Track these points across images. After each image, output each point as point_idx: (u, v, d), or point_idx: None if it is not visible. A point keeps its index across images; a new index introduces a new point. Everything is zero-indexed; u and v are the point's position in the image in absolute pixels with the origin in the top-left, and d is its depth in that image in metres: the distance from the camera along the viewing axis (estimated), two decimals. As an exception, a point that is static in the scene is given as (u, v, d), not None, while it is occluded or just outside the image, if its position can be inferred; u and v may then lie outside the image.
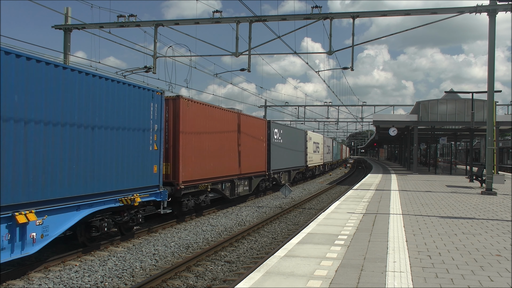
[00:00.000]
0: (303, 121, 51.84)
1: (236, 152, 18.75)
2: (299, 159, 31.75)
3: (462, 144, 65.66)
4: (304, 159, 34.04)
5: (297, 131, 32.90)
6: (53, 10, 13.79)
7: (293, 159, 29.61)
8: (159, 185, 12.41)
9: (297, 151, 31.09)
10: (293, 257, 6.67)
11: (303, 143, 33.80)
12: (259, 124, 22.71)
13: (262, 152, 22.69)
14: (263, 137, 22.92)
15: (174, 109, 13.87)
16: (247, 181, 20.56)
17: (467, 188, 19.89)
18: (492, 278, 5.65)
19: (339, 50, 17.17)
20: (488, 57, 16.68)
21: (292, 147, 29.29)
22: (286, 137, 27.45)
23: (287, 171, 28.15)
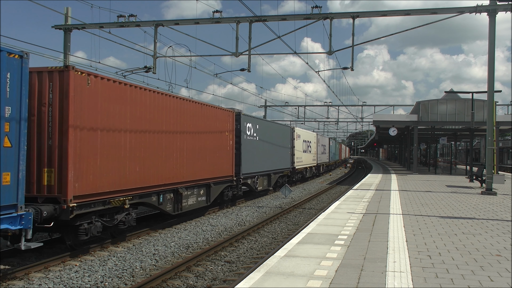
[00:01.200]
0: (303, 121, 51.87)
1: (181, 151, 13.82)
2: (283, 160, 27.07)
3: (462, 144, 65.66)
4: (290, 160, 29.21)
5: (280, 128, 27.83)
6: (53, 10, 13.80)
7: (275, 160, 24.93)
8: (17, 204, 7.94)
9: (280, 151, 26.33)
10: (293, 257, 6.67)
11: (288, 141, 28.97)
12: (223, 117, 17.40)
13: (226, 152, 17.66)
14: (228, 132, 17.86)
15: (61, 87, 9.28)
16: (203, 189, 15.80)
17: (467, 188, 19.89)
18: (492, 278, 5.65)
19: (339, 50, 17.21)
20: (488, 57, 16.68)
21: (272, 146, 24.43)
22: (265, 134, 22.69)
23: (266, 174, 23.42)
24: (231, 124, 18.21)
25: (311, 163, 37.38)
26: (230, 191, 18.48)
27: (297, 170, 31.32)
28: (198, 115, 15.12)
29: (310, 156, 36.69)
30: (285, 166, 27.62)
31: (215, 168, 16.51)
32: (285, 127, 29.30)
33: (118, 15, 17.54)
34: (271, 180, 24.44)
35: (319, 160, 42.16)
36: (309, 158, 36.44)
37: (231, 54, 17.12)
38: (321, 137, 46.00)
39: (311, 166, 37.72)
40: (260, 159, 21.82)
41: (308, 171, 36.56)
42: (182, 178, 13.87)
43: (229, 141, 17.90)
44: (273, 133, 24.81)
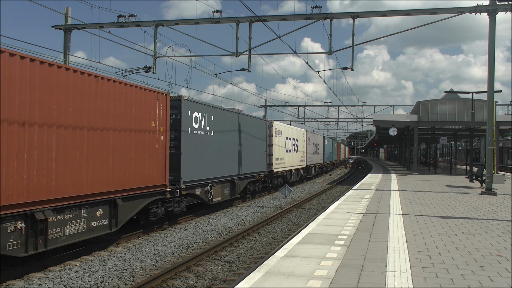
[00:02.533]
0: (303, 121, 51.85)
1: (46, 150, 8.70)
2: (255, 161, 21.47)
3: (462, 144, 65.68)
4: (267, 161, 23.54)
5: (250, 121, 21.17)
6: (53, 10, 13.79)
7: (242, 161, 19.56)
8: None
9: (250, 150, 20.77)
10: (293, 257, 6.67)
11: (263, 138, 23.14)
12: (146, 100, 11.99)
13: (152, 152, 12.19)
14: (157, 124, 12.44)
15: None
16: (103, 209, 10.46)
17: (467, 188, 19.89)
18: (492, 278, 5.65)
19: (339, 50, 17.19)
20: (488, 57, 16.68)
21: (237, 144, 19.07)
22: (225, 128, 17.47)
23: (227, 180, 17.96)
24: (163, 112, 12.61)
25: (298, 165, 31.75)
26: (161, 207, 13.02)
27: (276, 174, 25.63)
28: (90, 94, 9.85)
29: (296, 156, 31.11)
30: (258, 169, 21.94)
31: (129, 176, 11.19)
32: (258, 120, 22.90)
33: (118, 15, 17.55)
34: (236, 187, 18.85)
35: (309, 161, 36.58)
36: (295, 159, 30.86)
37: (231, 54, 17.12)
38: (313, 134, 40.32)
39: (298, 168, 32.23)
40: (216, 161, 16.50)
41: (294, 174, 30.69)
42: (46, 194, 8.64)
43: (157, 136, 12.30)
44: (239, 128, 19.42)
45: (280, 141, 26.38)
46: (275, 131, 25.26)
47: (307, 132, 36.55)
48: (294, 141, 30.69)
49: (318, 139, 43.09)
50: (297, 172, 32.15)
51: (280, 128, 26.87)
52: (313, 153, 39.02)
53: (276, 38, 16.86)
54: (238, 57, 17.13)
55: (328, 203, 20.74)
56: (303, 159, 34.11)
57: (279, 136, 26.20)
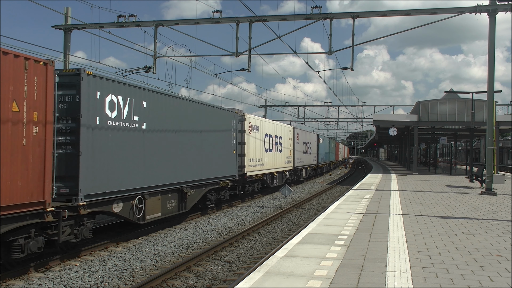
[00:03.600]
0: (303, 121, 51.86)
1: None
2: (218, 163, 16.75)
3: (462, 144, 65.70)
4: (237, 163, 19.01)
5: (209, 111, 16.03)
6: (53, 10, 13.79)
7: (196, 164, 14.86)
8: None
9: (210, 149, 15.95)
10: (293, 257, 6.67)
11: (231, 134, 18.21)
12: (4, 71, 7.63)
13: (14, 150, 7.87)
14: (23, 108, 8.06)
15: None
16: None
17: (467, 188, 19.89)
18: (492, 278, 5.65)
19: (339, 50, 17.21)
20: (488, 57, 16.68)
21: (187, 140, 14.18)
22: (167, 120, 12.96)
23: (173, 190, 13.53)
24: (41, 90, 8.43)
25: (282, 167, 27.33)
26: (34, 238, 8.58)
27: (251, 178, 21.13)
28: None
29: (280, 157, 26.61)
30: (223, 173, 17.21)
31: None
32: (223, 112, 17.57)
33: (118, 15, 17.56)
34: (187, 198, 14.25)
35: (298, 162, 31.80)
36: (279, 160, 26.40)
37: (231, 54, 17.13)
38: (303, 132, 35.61)
39: (283, 171, 27.63)
40: (152, 165, 12.12)
41: (277, 177, 26.19)
42: None
43: (26, 128, 8.09)
44: (192, 120, 14.53)
45: (256, 139, 21.92)
46: (249, 126, 20.60)
47: (296, 129, 32.04)
48: (277, 139, 26.14)
49: (311, 137, 38.58)
50: (281, 175, 27.41)
51: (257, 123, 22.07)
52: (304, 152, 34.57)
53: (276, 38, 16.88)
54: (238, 57, 17.14)
55: (328, 203, 20.74)
56: (290, 160, 29.37)
57: (255, 133, 21.63)
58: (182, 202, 14.13)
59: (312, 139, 39.36)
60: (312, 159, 38.78)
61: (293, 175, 30.81)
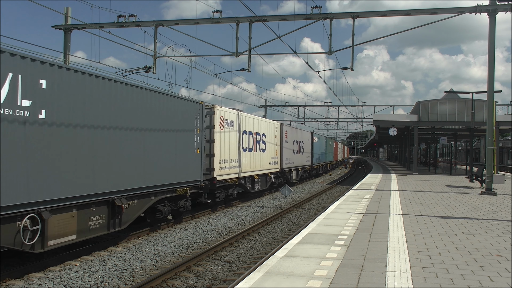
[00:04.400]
0: (303, 121, 51.89)
1: None
2: (175, 166, 13.38)
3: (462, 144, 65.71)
4: (204, 165, 15.40)
5: (160, 99, 12.72)
6: (53, 10, 13.79)
7: (138, 167, 11.60)
8: None
9: (161, 147, 12.66)
10: (293, 257, 6.67)
11: (192, 129, 14.47)
12: None
13: None
14: None
15: None
16: None
17: (467, 188, 19.89)
18: (492, 278, 5.65)
19: (339, 50, 17.20)
20: (488, 57, 16.68)
21: (118, 136, 10.82)
22: (83, 105, 9.63)
23: (100, 203, 10.26)
24: None
25: (266, 169, 23.78)
26: None
27: (223, 183, 17.86)
28: None
29: (263, 157, 23.23)
30: (183, 178, 13.72)
31: None
32: (180, 101, 13.74)
33: (118, 15, 17.57)
34: (123, 214, 11.00)
35: (287, 163, 28.31)
36: (261, 161, 23.03)
37: (231, 54, 17.13)
38: (293, 129, 31.96)
39: (267, 173, 24.10)
40: (60, 169, 9.03)
41: (259, 181, 22.70)
42: None
43: None
44: (129, 110, 11.20)
45: (230, 136, 18.52)
46: (220, 121, 17.31)
47: (284, 125, 28.46)
48: (260, 137, 22.80)
49: (303, 136, 34.79)
50: (265, 178, 23.93)
51: (232, 118, 18.70)
52: (295, 152, 31.16)
53: (276, 38, 16.88)
54: (238, 57, 17.14)
55: (328, 203, 20.75)
56: (276, 161, 25.87)
57: (229, 129, 18.36)
58: (115, 218, 10.75)
59: (305, 138, 35.58)
60: (305, 160, 34.96)
61: (280, 178, 27.17)
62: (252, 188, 21.79)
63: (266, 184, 24.17)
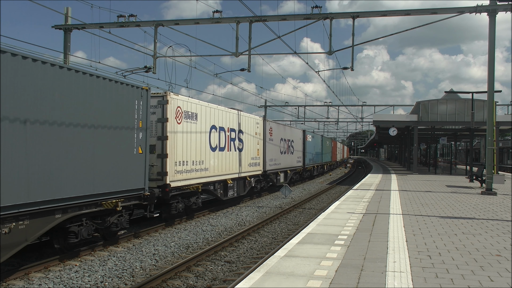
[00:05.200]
0: (303, 121, 51.89)
1: None
2: (98, 170, 9.95)
3: (462, 144, 65.70)
4: (147, 168, 11.92)
5: (64, 77, 8.92)
6: (53, 10, 13.79)
7: (24, 172, 7.99)
8: None
9: (63, 147, 8.96)
10: (293, 257, 6.67)
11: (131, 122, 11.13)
12: None
13: None
14: None
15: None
16: None
17: (467, 188, 19.89)
18: (492, 278, 5.65)
19: (339, 50, 17.20)
20: (488, 57, 16.68)
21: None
22: None
23: None
24: None
25: (244, 171, 20.23)
26: None
27: (181, 190, 14.37)
28: None
29: (239, 157, 19.70)
30: (116, 186, 10.65)
31: None
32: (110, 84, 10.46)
33: (118, 15, 17.56)
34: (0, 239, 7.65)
35: (272, 165, 24.39)
36: (237, 162, 19.50)
37: (231, 54, 17.13)
38: (280, 126, 27.74)
39: (245, 177, 20.42)
40: None
41: (235, 186, 19.20)
42: None
43: None
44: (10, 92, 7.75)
45: (193, 132, 15.13)
46: (177, 113, 13.97)
47: (268, 121, 24.31)
48: (235, 134, 19.19)
49: (293, 134, 30.89)
50: (242, 182, 20.15)
51: (194, 109, 15.18)
52: (283, 152, 27.32)
53: (276, 38, 16.87)
54: (238, 57, 17.13)
55: (328, 203, 20.74)
56: (258, 162, 22.17)
57: (191, 123, 14.93)
58: None
59: (296, 136, 31.77)
60: (295, 161, 31.12)
61: (262, 182, 23.33)
62: (225, 195, 18.12)
63: (244, 189, 20.51)
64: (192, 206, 15.41)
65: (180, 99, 14.24)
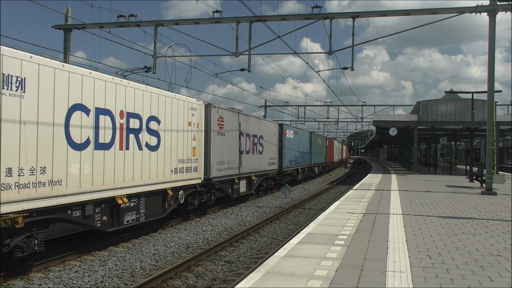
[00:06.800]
0: (303, 121, 51.88)
1: None
2: None
3: (462, 144, 65.70)
4: None
5: None
6: (53, 10, 13.79)
7: None
8: None
9: None
10: (293, 257, 6.67)
11: None
12: None
13: None
14: None
15: None
16: None
17: (467, 188, 19.89)
18: (492, 278, 5.65)
19: (339, 50, 17.22)
20: (488, 57, 16.67)
21: None
22: None
23: None
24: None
25: (162, 181, 12.77)
26: None
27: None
28: None
29: (149, 160, 12.14)
30: None
31: None
32: None
33: (118, 15, 17.58)
34: None
35: (222, 169, 17.35)
36: (144, 168, 11.89)
37: (231, 54, 17.13)
38: (235, 114, 19.01)
39: (167, 189, 13.05)
40: None
41: (138, 208, 11.75)
42: None
43: None
44: None
45: (41, 112, 8.37)
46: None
47: (215, 107, 16.47)
48: (140, 123, 11.75)
49: (262, 128, 23.11)
50: (160, 200, 12.93)
51: (44, 73, 8.42)
52: (243, 152, 19.97)
53: (276, 38, 16.88)
54: (238, 57, 17.14)
55: (328, 203, 20.74)
56: (194, 166, 14.79)
57: (43, 99, 8.41)
58: None
59: (267, 131, 24.03)
60: (266, 162, 23.73)
61: (204, 195, 15.90)
62: (114, 225, 10.76)
63: (163, 209, 13.01)
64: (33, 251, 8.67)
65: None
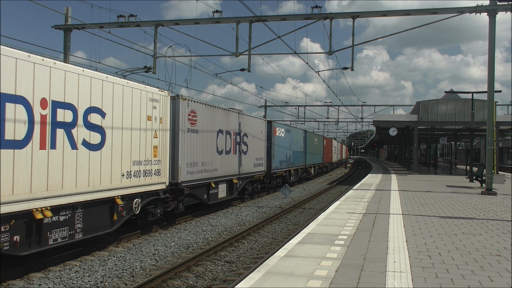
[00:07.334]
0: (303, 121, 51.86)
1: None
2: None
3: (462, 144, 65.68)
4: None
5: None
6: (53, 10, 13.79)
7: None
8: None
9: None
10: (293, 257, 6.67)
11: None
12: None
13: None
14: None
15: None
16: None
17: (467, 188, 19.89)
18: (492, 278, 5.65)
19: (339, 50, 17.22)
20: (488, 57, 16.67)
21: None
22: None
23: None
24: None
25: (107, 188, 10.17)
26: None
27: None
28: None
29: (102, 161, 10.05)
30: None
31: None
32: None
33: (118, 15, 17.58)
34: None
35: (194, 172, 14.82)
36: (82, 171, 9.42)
37: (231, 54, 17.13)
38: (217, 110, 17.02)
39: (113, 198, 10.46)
40: None
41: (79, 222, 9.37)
42: None
43: None
44: None
45: None
46: None
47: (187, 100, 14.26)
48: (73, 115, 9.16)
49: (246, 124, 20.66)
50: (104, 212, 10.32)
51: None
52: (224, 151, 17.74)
53: (276, 38, 16.87)
54: (238, 57, 17.14)
55: (328, 203, 20.74)
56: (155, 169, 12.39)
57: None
58: None
59: (252, 128, 21.70)
60: (251, 164, 21.39)
61: (171, 203, 13.61)
62: (29, 246, 8.42)
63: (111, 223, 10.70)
64: None
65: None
